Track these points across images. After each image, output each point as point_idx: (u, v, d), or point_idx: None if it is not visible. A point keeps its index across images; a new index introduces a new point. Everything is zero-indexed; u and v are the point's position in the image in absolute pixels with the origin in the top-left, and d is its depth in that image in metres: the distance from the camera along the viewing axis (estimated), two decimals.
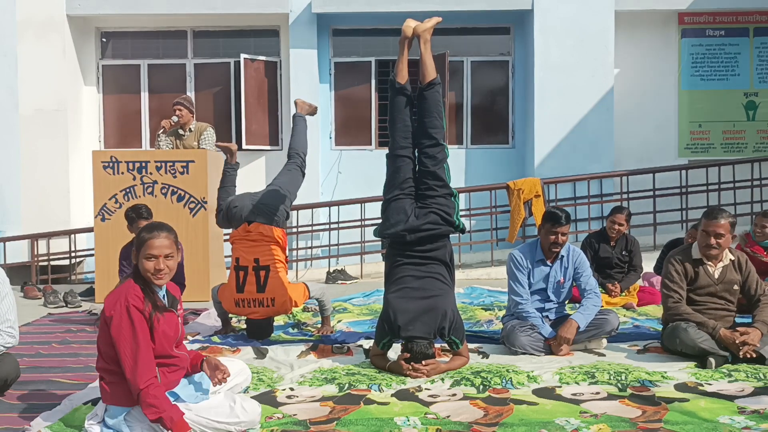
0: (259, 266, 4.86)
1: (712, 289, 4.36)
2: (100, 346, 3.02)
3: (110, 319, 2.92)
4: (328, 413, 3.36)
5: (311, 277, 9.13)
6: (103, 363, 3.02)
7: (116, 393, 3.00)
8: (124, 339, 2.90)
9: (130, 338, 2.90)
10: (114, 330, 2.91)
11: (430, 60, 4.34)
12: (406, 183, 4.29)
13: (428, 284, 4.15)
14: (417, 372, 3.95)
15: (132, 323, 2.91)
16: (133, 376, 2.88)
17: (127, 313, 2.91)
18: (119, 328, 2.91)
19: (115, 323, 2.91)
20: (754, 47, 10.41)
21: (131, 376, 2.88)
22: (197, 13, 10.14)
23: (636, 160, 10.12)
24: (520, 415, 3.30)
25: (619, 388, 3.69)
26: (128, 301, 2.93)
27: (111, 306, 2.95)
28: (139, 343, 2.90)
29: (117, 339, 2.91)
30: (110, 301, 2.97)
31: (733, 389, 3.64)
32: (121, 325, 2.91)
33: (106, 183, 7.02)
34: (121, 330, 2.90)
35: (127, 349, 2.90)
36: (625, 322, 5.47)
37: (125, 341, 2.90)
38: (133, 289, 2.98)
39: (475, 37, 10.67)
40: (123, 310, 2.92)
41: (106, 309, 2.96)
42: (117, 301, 2.94)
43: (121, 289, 3.00)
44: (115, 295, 2.98)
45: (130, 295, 2.95)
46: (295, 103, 5.76)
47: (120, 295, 2.96)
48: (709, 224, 4.29)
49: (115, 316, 2.92)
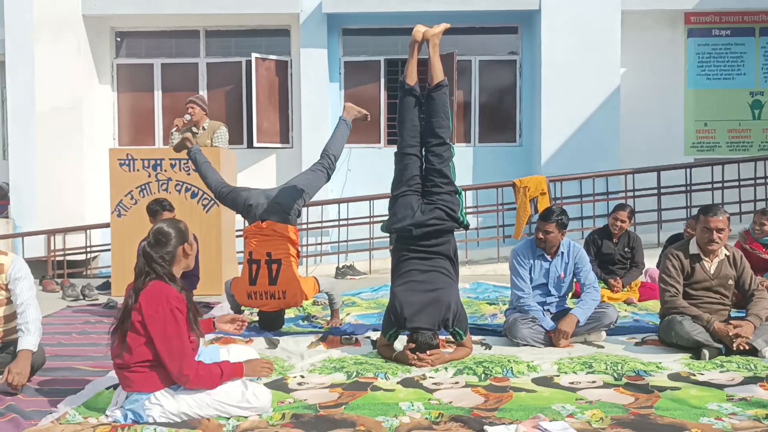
0: (272, 260, 5.04)
1: (707, 283, 4.52)
2: (130, 343, 3.16)
3: (152, 319, 3.12)
4: (336, 398, 3.55)
5: (321, 272, 9.30)
6: (129, 357, 3.17)
7: (138, 381, 3.18)
8: (169, 337, 3.13)
9: (176, 337, 3.14)
10: (158, 329, 3.12)
11: (439, 63, 4.51)
12: (413, 180, 4.47)
13: (433, 278, 4.32)
14: (422, 362, 4.13)
15: (177, 323, 3.15)
16: (180, 368, 3.13)
17: (171, 314, 3.13)
18: (164, 328, 3.12)
19: (159, 323, 3.12)
20: (760, 47, 10.51)
21: (178, 368, 3.13)
22: (209, 13, 10.34)
23: (642, 158, 10.23)
24: (518, 401, 3.48)
25: (615, 378, 3.86)
26: (171, 304, 3.14)
27: (153, 308, 3.13)
28: (183, 340, 3.16)
29: (161, 337, 3.12)
30: (151, 302, 3.14)
31: (724, 379, 3.80)
32: (166, 325, 3.12)
33: (122, 180, 7.23)
34: (167, 329, 3.13)
35: (173, 345, 3.13)
36: (626, 316, 5.63)
37: (171, 339, 3.13)
38: (172, 291, 3.18)
39: (483, 37, 10.81)
40: (167, 312, 3.13)
41: (147, 310, 3.13)
42: (159, 303, 3.13)
43: (160, 291, 3.17)
44: (154, 296, 3.15)
45: (171, 298, 3.15)
46: (344, 107, 5.75)
47: (161, 298, 3.14)
48: (710, 220, 4.44)
49: (159, 317, 3.12)
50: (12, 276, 3.89)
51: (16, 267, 3.91)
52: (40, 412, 3.40)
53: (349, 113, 5.65)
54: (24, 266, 3.97)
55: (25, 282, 3.92)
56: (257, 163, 10.71)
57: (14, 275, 3.89)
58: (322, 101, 10.41)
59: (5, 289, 3.90)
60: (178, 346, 3.14)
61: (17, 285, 3.90)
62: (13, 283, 3.90)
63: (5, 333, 3.94)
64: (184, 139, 5.71)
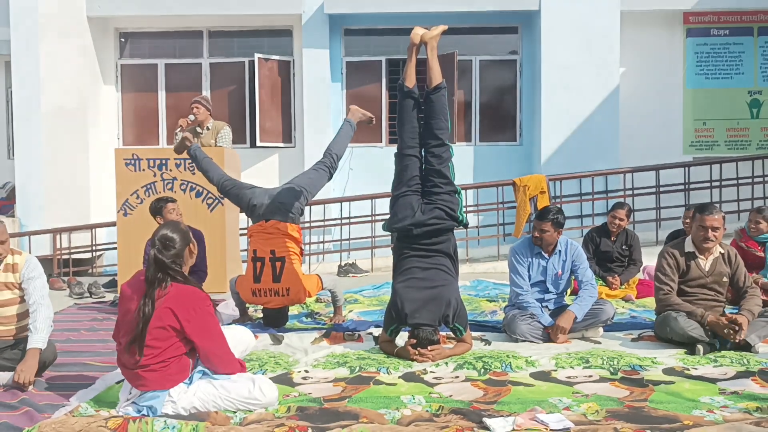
0: (275, 257, 5.15)
1: (702, 280, 4.62)
2: (155, 345, 3.23)
3: (190, 321, 3.26)
4: (340, 392, 3.65)
5: (323, 270, 9.40)
6: (149, 359, 3.23)
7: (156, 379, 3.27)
8: (214, 336, 3.34)
9: (219, 334, 3.36)
10: (198, 329, 3.28)
11: (437, 65, 4.61)
12: (413, 180, 4.58)
13: (433, 275, 4.43)
14: (423, 357, 4.24)
15: (216, 320, 3.37)
16: (229, 362, 3.39)
17: (210, 314, 3.33)
18: (206, 328, 3.30)
19: (199, 323, 3.28)
20: (758, 46, 10.61)
21: (226, 362, 3.38)
22: (213, 14, 10.45)
23: (641, 157, 10.33)
24: (516, 394, 3.58)
25: (611, 372, 3.96)
26: (205, 302, 3.32)
27: (188, 310, 3.26)
28: (223, 336, 3.41)
29: (205, 336, 3.30)
30: (184, 305, 3.27)
31: (717, 373, 3.91)
32: (208, 325, 3.31)
33: (128, 179, 7.34)
34: (211, 328, 3.33)
35: (218, 343, 3.36)
36: (623, 313, 5.73)
37: (215, 337, 3.35)
38: (197, 291, 3.35)
39: (484, 37, 10.92)
40: (206, 312, 3.31)
41: (183, 313, 3.25)
42: (194, 305, 3.28)
43: (188, 293, 3.31)
44: (185, 299, 3.28)
45: (202, 297, 3.33)
46: (349, 109, 5.83)
47: (193, 299, 3.30)
48: (705, 219, 4.55)
49: (198, 317, 3.27)
50: (26, 275, 3.99)
51: (30, 266, 4.02)
52: (53, 405, 3.51)
53: (354, 115, 5.75)
54: (38, 265, 4.07)
55: (39, 281, 4.02)
56: (260, 162, 10.82)
57: (28, 275, 3.99)
58: (324, 101, 10.52)
59: (19, 288, 4.01)
60: (222, 342, 3.37)
61: (30, 284, 4.00)
62: (26, 282, 4.01)
63: (18, 330, 4.04)
64: (184, 138, 5.82)
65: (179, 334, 3.26)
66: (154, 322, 3.22)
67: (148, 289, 3.28)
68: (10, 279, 4.00)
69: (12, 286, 4.00)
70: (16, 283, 4.01)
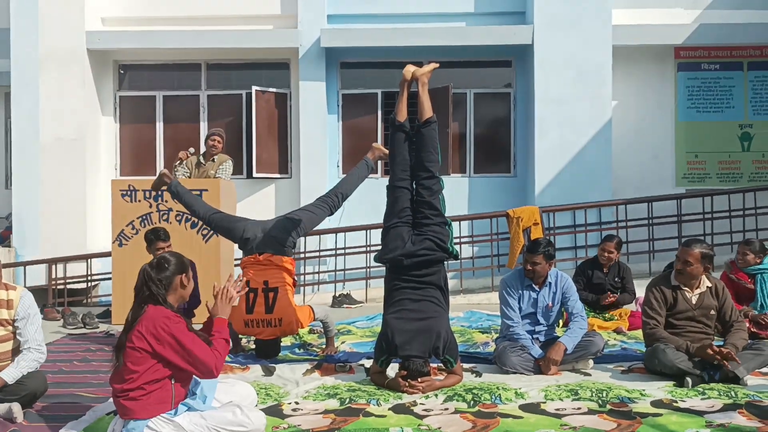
0: (268, 288, 5.19)
1: (690, 313, 4.67)
2: (131, 368, 3.30)
3: (163, 341, 3.29)
4: (329, 424, 3.68)
5: (318, 301, 9.41)
6: (130, 383, 3.30)
7: (136, 409, 3.31)
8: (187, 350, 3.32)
9: (191, 345, 3.34)
10: (169, 348, 3.30)
11: (428, 101, 4.71)
12: (404, 212, 4.65)
13: (424, 307, 4.48)
14: (413, 388, 4.26)
15: (185, 334, 3.35)
16: (208, 366, 3.36)
17: (178, 327, 3.34)
18: (176, 344, 3.31)
19: (168, 342, 3.30)
20: (748, 80, 10.77)
21: (205, 368, 3.37)
22: (211, 47, 10.60)
23: (634, 189, 10.44)
24: (505, 426, 3.61)
25: (599, 404, 3.99)
26: (171, 320, 3.34)
27: (157, 330, 3.30)
28: (198, 345, 3.37)
29: (178, 353, 3.31)
30: (153, 326, 3.31)
31: (704, 405, 3.94)
32: (179, 339, 3.31)
33: (124, 210, 7.40)
34: (183, 343, 3.32)
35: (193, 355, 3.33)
36: (614, 345, 5.76)
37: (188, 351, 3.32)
38: (168, 312, 3.38)
39: (478, 70, 11.06)
40: (172, 330, 3.32)
41: (151, 334, 3.29)
42: (161, 325, 3.31)
43: (157, 314, 3.35)
44: (153, 320, 3.32)
45: (170, 316, 3.36)
46: (372, 147, 5.74)
47: (160, 319, 3.33)
48: (681, 251, 4.64)
49: (166, 337, 3.30)
50: (20, 314, 4.01)
51: (25, 304, 4.04)
52: None
53: (375, 154, 5.70)
54: (33, 304, 4.09)
55: (32, 324, 4.03)
56: (257, 192, 10.90)
57: (22, 313, 4.01)
58: (321, 133, 10.63)
59: (12, 324, 4.02)
60: (198, 353, 3.34)
61: (24, 326, 4.02)
62: (20, 322, 4.02)
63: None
64: (162, 175, 5.84)
65: (153, 355, 3.30)
66: (129, 344, 3.29)
67: (134, 303, 3.39)
68: (4, 315, 4.01)
69: (6, 323, 4.02)
70: (10, 320, 4.02)
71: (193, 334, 3.41)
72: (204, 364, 3.35)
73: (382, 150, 5.70)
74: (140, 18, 10.81)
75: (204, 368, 3.37)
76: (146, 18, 10.80)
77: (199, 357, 3.34)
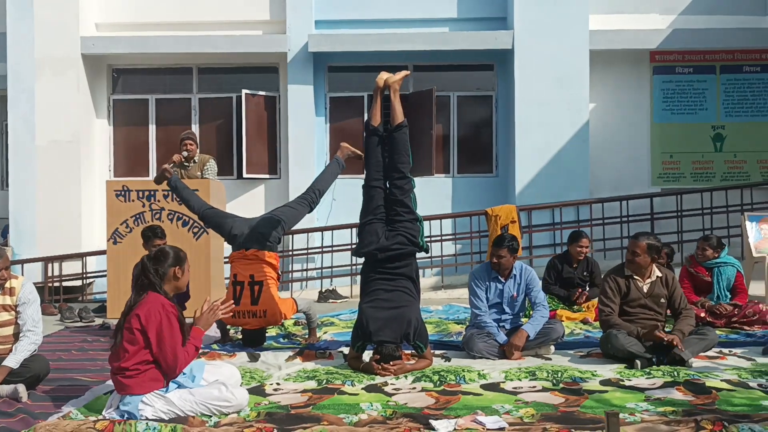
0: (254, 281, 5.56)
1: (642, 301, 5.07)
2: (127, 347, 3.69)
3: (149, 324, 3.66)
4: (306, 400, 4.06)
5: (304, 296, 9.79)
6: (126, 362, 3.69)
7: (132, 385, 3.70)
8: (164, 337, 3.67)
9: (169, 336, 3.68)
10: (154, 331, 3.66)
11: (399, 106, 5.09)
12: (378, 209, 5.03)
13: (396, 296, 4.87)
14: (385, 371, 4.64)
15: (171, 325, 3.71)
16: (174, 363, 3.71)
17: (167, 318, 3.70)
18: (159, 330, 3.67)
19: (155, 326, 3.66)
20: (720, 83, 11.18)
21: (172, 363, 3.70)
22: (202, 51, 10.94)
23: (611, 188, 10.82)
24: (464, 402, 3.99)
25: (553, 383, 4.38)
26: (166, 309, 3.70)
27: (151, 314, 3.67)
28: (175, 338, 3.72)
29: (157, 338, 3.67)
30: (149, 310, 3.68)
31: (647, 383, 4.33)
32: (161, 328, 3.68)
33: (118, 209, 7.74)
34: (162, 331, 3.68)
35: (166, 344, 3.68)
36: (579, 333, 6.15)
37: (165, 339, 3.67)
38: (166, 300, 3.75)
39: (461, 74, 11.43)
40: (163, 316, 3.68)
41: (145, 316, 3.67)
42: (156, 310, 3.68)
43: (156, 300, 3.72)
44: (151, 304, 3.70)
45: (166, 305, 3.72)
46: (340, 146, 6.13)
47: (157, 305, 3.70)
48: (630, 243, 5.07)
49: (155, 320, 3.67)
50: (21, 299, 4.38)
51: (26, 290, 4.41)
52: (46, 413, 3.89)
53: (343, 153, 6.10)
54: (33, 290, 4.47)
55: (32, 308, 4.40)
56: (246, 193, 11.25)
57: (23, 299, 4.38)
58: (309, 135, 10.99)
59: (15, 310, 4.39)
60: (171, 344, 3.68)
61: (24, 310, 4.39)
62: (21, 306, 4.39)
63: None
64: (163, 170, 6.23)
65: (144, 338, 3.67)
66: (126, 325, 3.67)
67: (132, 291, 3.78)
68: (7, 302, 4.39)
69: (9, 308, 4.39)
70: (12, 306, 4.39)
71: (177, 330, 3.74)
72: (170, 359, 3.69)
73: (350, 149, 6.09)
74: (133, 24, 11.17)
75: (167, 363, 3.71)
76: (139, 23, 11.15)
77: (168, 352, 3.68)
